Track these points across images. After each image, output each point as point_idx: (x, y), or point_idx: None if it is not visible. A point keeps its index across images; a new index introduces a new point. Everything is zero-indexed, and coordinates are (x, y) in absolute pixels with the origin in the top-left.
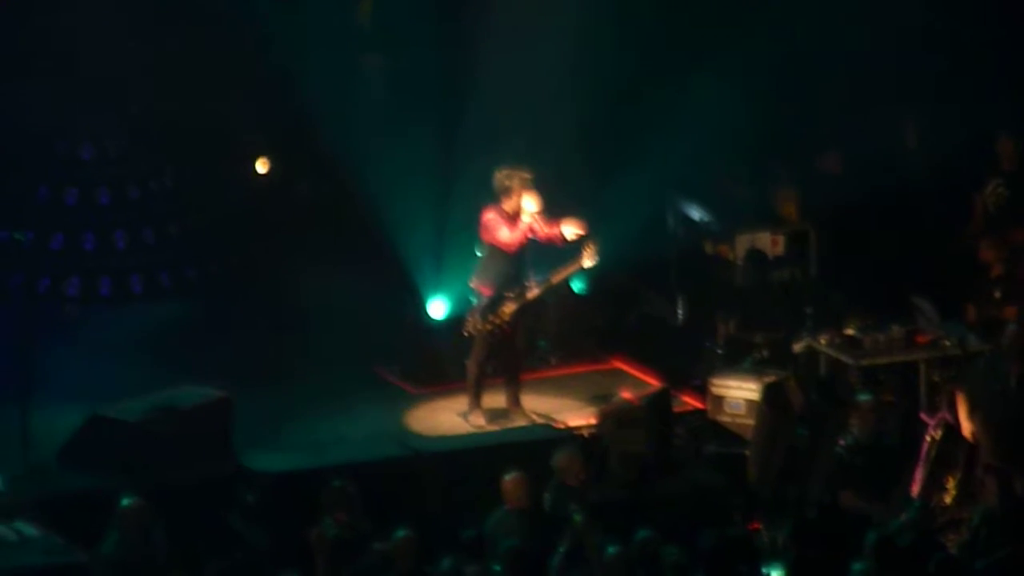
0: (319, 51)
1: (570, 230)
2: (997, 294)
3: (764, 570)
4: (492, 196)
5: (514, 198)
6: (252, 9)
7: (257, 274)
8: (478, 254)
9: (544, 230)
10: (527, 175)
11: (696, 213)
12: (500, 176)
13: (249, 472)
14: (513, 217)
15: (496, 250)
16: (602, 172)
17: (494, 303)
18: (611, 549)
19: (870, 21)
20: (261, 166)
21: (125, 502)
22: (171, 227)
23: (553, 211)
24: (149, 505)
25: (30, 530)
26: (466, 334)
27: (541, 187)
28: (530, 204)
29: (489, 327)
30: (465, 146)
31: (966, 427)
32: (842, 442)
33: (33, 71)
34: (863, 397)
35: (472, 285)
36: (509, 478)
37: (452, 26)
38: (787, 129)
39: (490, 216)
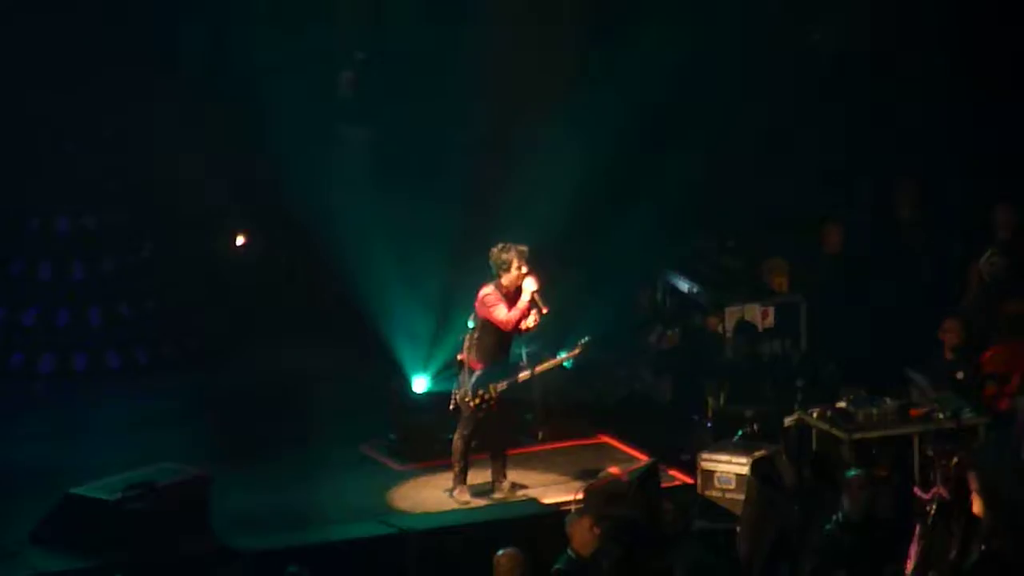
0: (299, 122)
1: (530, 284)
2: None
3: None
4: (489, 273)
5: (513, 274)
6: (229, 80)
7: (235, 349)
8: (470, 325)
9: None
10: (524, 249)
11: (685, 285)
12: (497, 251)
13: (229, 551)
14: (510, 294)
15: (489, 326)
16: (588, 248)
17: (484, 379)
18: None
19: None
20: (239, 239)
21: None
22: (148, 302)
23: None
24: None
25: None
26: (452, 408)
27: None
28: (530, 282)
29: (477, 402)
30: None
31: (977, 504)
32: (833, 518)
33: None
34: (854, 472)
35: (461, 359)
36: (502, 554)
37: (436, 103)
38: (773, 200)
39: (487, 292)
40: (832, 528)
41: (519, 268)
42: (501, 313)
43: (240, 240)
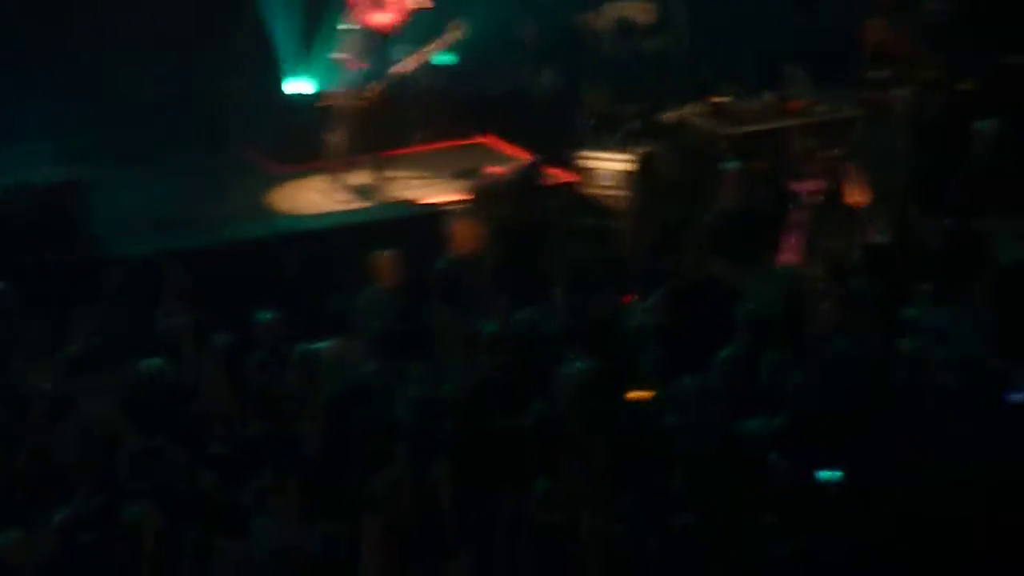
0: None
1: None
2: (866, 67)
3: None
4: None
5: None
6: None
7: (116, 50)
8: (342, 28)
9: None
10: None
11: None
12: None
13: (106, 256)
14: None
15: (365, 28)
16: None
17: (360, 78)
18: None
19: None
20: None
21: None
22: None
23: None
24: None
25: None
26: (330, 109)
27: None
28: None
29: (356, 103)
30: None
31: (854, 195)
32: (711, 211)
33: None
34: (730, 165)
35: (337, 59)
36: (381, 255)
37: None
38: None
39: None
40: (709, 219)
41: None
42: (372, 14)
43: None
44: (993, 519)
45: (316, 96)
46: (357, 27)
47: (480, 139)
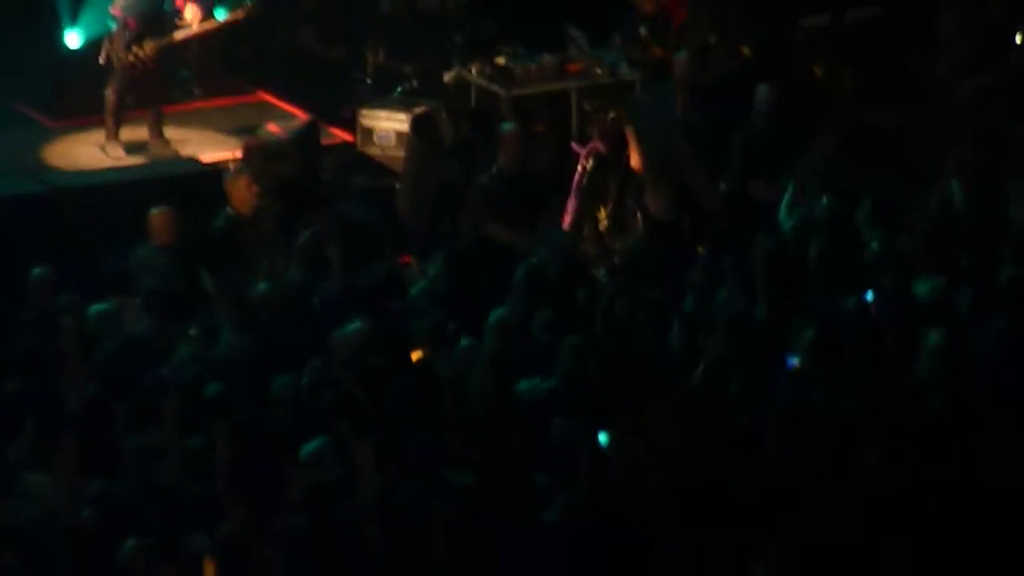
0: None
1: None
2: (643, 31)
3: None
4: None
5: None
6: None
7: None
8: None
9: None
10: None
11: None
12: None
13: None
14: None
15: None
16: None
17: (138, 36)
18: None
19: None
20: None
21: None
22: None
23: None
24: None
25: None
26: (103, 63)
27: None
28: None
29: (131, 59)
30: None
31: (634, 158)
32: (489, 172)
33: None
34: (508, 127)
35: (113, 12)
36: (156, 213)
37: None
38: None
39: None
40: (487, 181)
41: None
42: None
43: None
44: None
45: (91, 49)
46: None
47: (258, 96)
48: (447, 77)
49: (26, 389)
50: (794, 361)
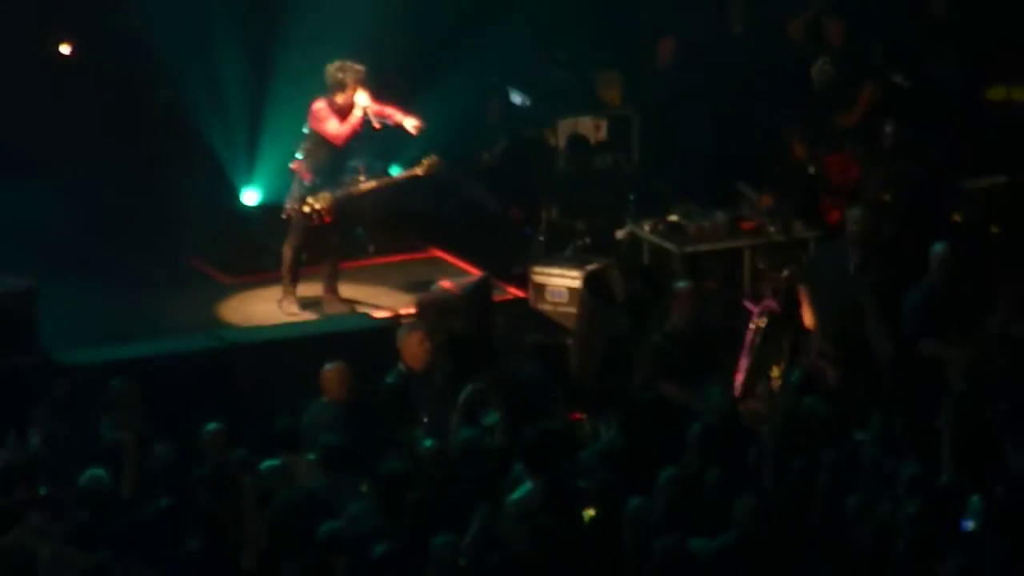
0: None
1: (410, 123)
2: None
3: None
4: (323, 89)
5: (347, 92)
6: None
7: (62, 161)
8: (305, 132)
9: (377, 112)
10: (360, 68)
11: (518, 98)
12: (332, 69)
13: (56, 365)
14: (343, 110)
15: (322, 140)
16: (423, 62)
17: (314, 188)
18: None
19: None
20: (65, 47)
21: None
22: None
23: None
24: None
25: None
26: (284, 217)
27: (372, 81)
28: (362, 98)
29: (308, 211)
30: (285, 39)
31: (807, 317)
32: (662, 330)
33: None
34: (682, 284)
35: (293, 168)
36: (329, 369)
37: None
38: (609, 13)
39: (319, 106)
40: (660, 339)
41: (353, 88)
42: (332, 127)
43: (66, 48)
44: None
45: (267, 206)
46: (317, 136)
47: (431, 253)
48: (620, 234)
49: (206, 547)
50: (969, 524)
